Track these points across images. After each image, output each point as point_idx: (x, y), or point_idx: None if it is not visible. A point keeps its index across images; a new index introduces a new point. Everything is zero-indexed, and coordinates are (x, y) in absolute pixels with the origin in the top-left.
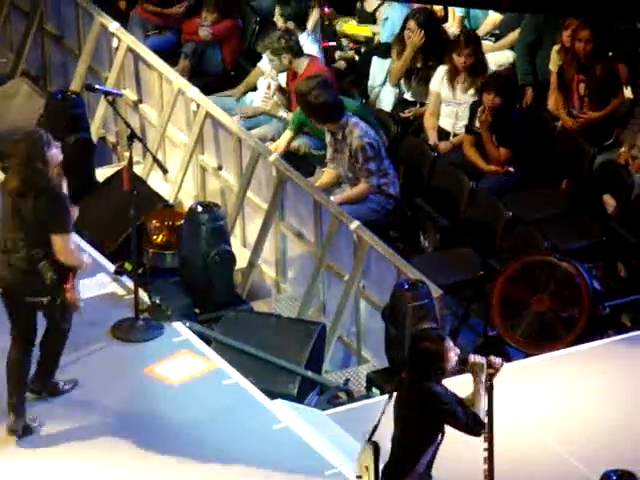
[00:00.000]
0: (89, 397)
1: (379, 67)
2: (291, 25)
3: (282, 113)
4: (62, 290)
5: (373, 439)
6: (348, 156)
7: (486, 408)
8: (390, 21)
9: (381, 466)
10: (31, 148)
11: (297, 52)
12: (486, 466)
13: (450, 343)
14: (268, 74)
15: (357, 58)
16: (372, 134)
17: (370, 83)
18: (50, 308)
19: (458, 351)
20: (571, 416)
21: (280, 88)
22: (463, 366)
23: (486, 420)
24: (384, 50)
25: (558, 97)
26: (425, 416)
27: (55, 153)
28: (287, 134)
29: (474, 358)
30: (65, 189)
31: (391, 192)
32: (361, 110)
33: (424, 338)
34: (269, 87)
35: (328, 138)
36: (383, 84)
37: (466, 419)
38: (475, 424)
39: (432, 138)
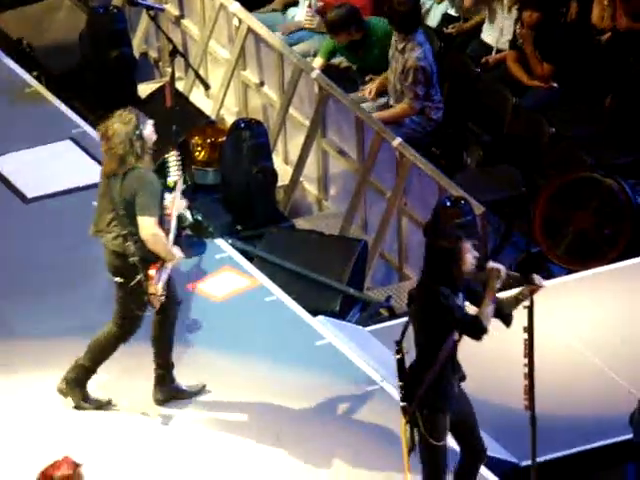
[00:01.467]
0: None
1: None
2: None
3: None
4: (143, 276)
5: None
6: (400, 70)
7: (491, 315)
8: None
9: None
10: (127, 128)
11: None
12: (526, 382)
13: (468, 244)
14: None
15: None
16: (430, 59)
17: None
18: (122, 290)
19: (477, 254)
20: (614, 333)
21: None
22: (480, 270)
23: (488, 325)
24: None
25: (602, 9)
26: (429, 316)
27: (150, 132)
28: (318, 61)
29: (494, 264)
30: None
31: (433, 116)
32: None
33: (440, 236)
34: (310, 5)
35: (391, 52)
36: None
37: (464, 321)
38: (474, 328)
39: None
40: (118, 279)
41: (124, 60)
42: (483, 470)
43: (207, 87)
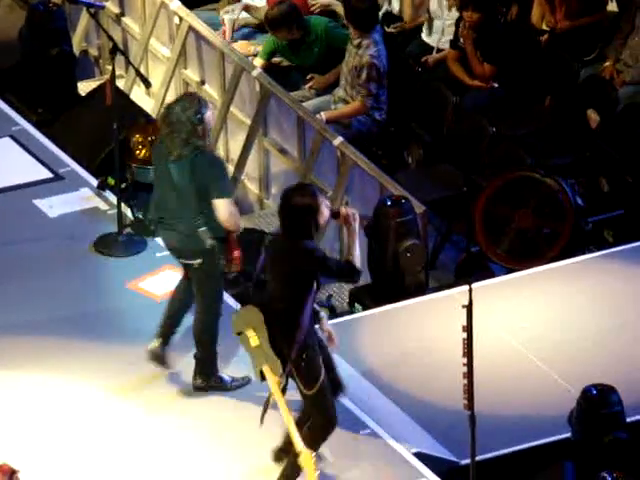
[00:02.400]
0: (71, 311)
1: None
2: None
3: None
4: (219, 257)
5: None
6: (353, 65)
7: (359, 256)
8: None
9: None
10: (189, 113)
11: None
12: (465, 381)
13: (322, 197)
14: None
15: None
16: (384, 61)
17: None
18: (199, 272)
19: (329, 204)
20: (552, 332)
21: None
22: (335, 218)
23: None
24: None
25: (542, 10)
26: (299, 270)
27: (210, 115)
28: (258, 62)
29: (346, 209)
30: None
31: (377, 117)
32: (332, 27)
33: (295, 194)
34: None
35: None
36: None
37: (340, 266)
38: (350, 270)
39: None
40: (196, 262)
41: (64, 58)
42: (423, 468)
43: (148, 85)
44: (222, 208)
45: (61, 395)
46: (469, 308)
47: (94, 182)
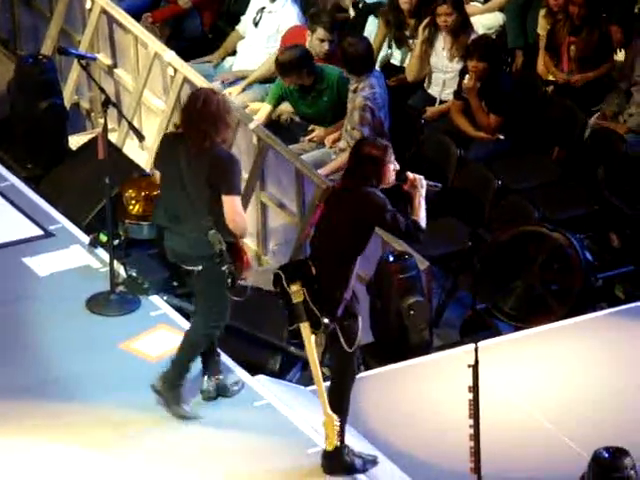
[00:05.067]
0: (63, 373)
1: (375, 25)
2: None
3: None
4: (228, 261)
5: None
6: (349, 113)
7: (424, 219)
8: None
9: None
10: (220, 108)
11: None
12: (472, 443)
13: (392, 157)
14: None
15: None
16: (380, 104)
17: None
18: (204, 278)
19: (398, 166)
20: (562, 392)
21: None
22: (401, 182)
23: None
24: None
25: (547, 60)
26: (362, 222)
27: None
28: (266, 107)
29: (413, 175)
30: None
31: None
32: (343, 79)
33: (367, 144)
34: None
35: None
36: None
37: (406, 222)
38: (416, 229)
39: None
40: (200, 267)
41: (54, 111)
42: None
43: (141, 138)
44: (230, 204)
45: (46, 459)
46: (475, 368)
47: (86, 239)
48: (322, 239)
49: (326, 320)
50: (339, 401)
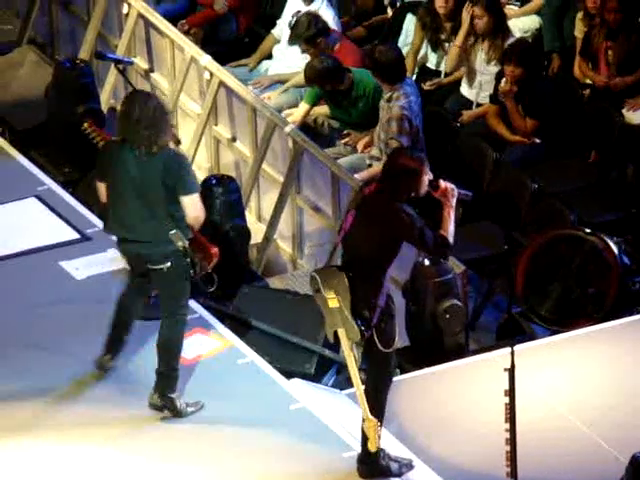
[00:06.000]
0: (102, 375)
1: (413, 24)
2: None
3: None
4: (193, 255)
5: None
6: (385, 119)
7: (453, 233)
8: None
9: None
10: (155, 108)
11: (326, 31)
12: (508, 447)
13: (426, 167)
14: None
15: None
16: (416, 111)
17: (402, 39)
18: (168, 277)
19: (431, 176)
20: (598, 396)
21: None
22: (433, 190)
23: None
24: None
25: (583, 64)
26: (393, 235)
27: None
28: (303, 106)
29: (445, 183)
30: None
31: None
32: (379, 86)
33: (403, 155)
34: None
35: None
36: None
37: (434, 238)
38: (443, 244)
39: None
40: (165, 266)
41: (92, 115)
42: None
43: (177, 142)
44: (191, 203)
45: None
46: (511, 371)
47: None
48: (353, 247)
49: (362, 328)
50: (375, 404)
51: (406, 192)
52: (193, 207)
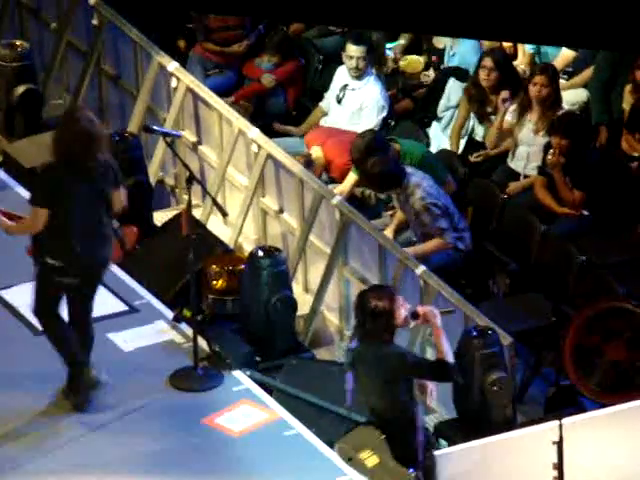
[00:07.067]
0: (147, 448)
1: (456, 87)
2: (362, 62)
3: None
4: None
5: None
6: (414, 217)
7: (449, 351)
8: (459, 55)
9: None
10: (86, 124)
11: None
12: None
13: (400, 300)
14: None
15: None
16: (434, 193)
17: (443, 102)
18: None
19: (408, 306)
20: None
21: None
22: (414, 319)
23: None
24: (461, 73)
25: (631, 137)
26: (395, 376)
27: None
28: (351, 177)
29: (423, 309)
30: None
31: (461, 247)
32: (426, 158)
33: (371, 295)
34: None
35: (395, 203)
36: (457, 106)
37: (433, 367)
38: (444, 369)
39: None
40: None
41: (140, 188)
42: None
43: (225, 214)
44: (124, 194)
45: None
46: (560, 445)
47: (170, 315)
48: (368, 400)
49: (411, 471)
50: None
51: (387, 330)
52: (122, 203)
